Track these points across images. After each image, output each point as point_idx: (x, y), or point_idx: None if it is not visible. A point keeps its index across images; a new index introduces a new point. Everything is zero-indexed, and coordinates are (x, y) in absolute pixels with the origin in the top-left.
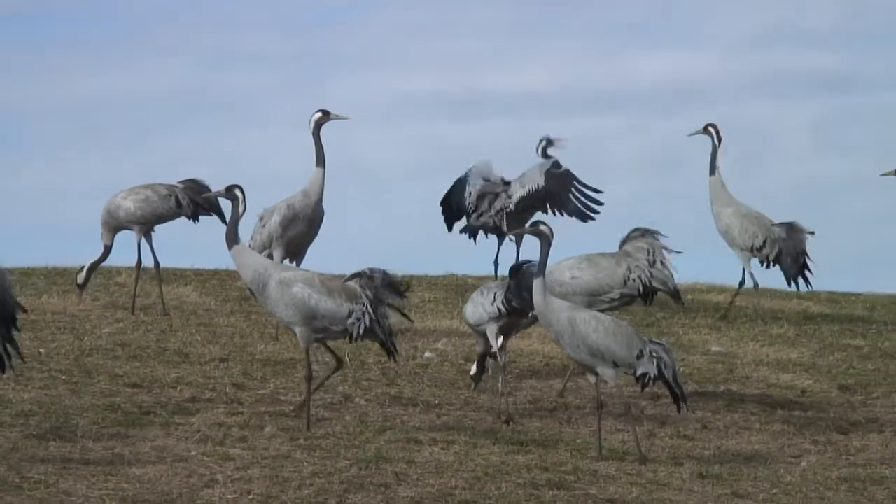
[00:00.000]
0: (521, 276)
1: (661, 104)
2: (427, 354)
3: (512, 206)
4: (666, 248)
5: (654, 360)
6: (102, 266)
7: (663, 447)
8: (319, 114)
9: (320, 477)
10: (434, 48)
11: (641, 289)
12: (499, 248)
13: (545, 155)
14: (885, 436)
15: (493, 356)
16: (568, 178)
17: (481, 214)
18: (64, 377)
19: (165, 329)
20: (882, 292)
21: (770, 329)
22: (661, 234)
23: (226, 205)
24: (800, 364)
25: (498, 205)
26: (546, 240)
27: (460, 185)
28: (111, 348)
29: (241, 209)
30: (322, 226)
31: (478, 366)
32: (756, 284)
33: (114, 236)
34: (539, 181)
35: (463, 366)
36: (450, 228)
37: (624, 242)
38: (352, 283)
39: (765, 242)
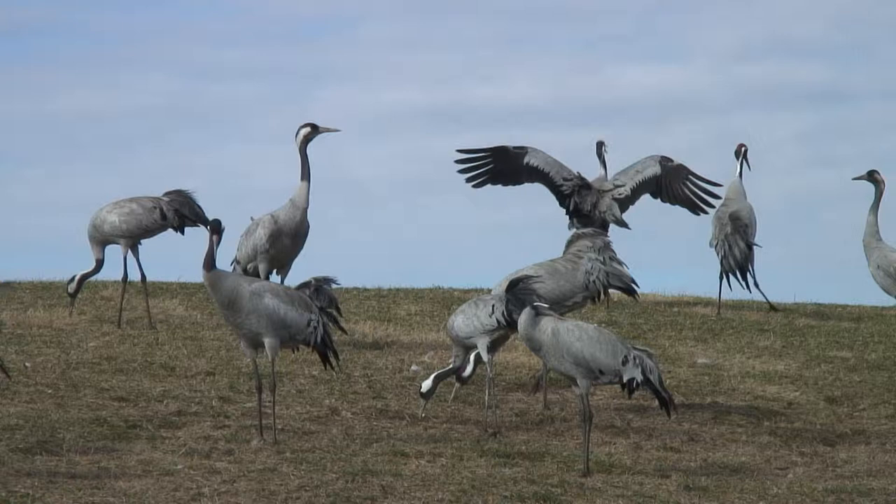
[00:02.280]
0: (520, 290)
1: (648, 116)
2: (413, 367)
3: (628, 192)
4: (610, 247)
5: (639, 366)
6: (88, 280)
7: (650, 459)
8: (308, 128)
9: (307, 490)
10: (421, 62)
11: (602, 289)
12: None
13: (602, 157)
14: (872, 447)
15: (461, 378)
16: (681, 170)
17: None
18: (50, 391)
19: (152, 343)
20: (868, 304)
21: (756, 341)
22: (604, 235)
23: (211, 216)
24: (786, 376)
25: (606, 201)
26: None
27: (509, 155)
28: (97, 362)
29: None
30: (308, 239)
31: (433, 382)
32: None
33: (103, 250)
34: (656, 170)
35: (448, 379)
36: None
37: (569, 245)
38: (302, 293)
39: (717, 240)
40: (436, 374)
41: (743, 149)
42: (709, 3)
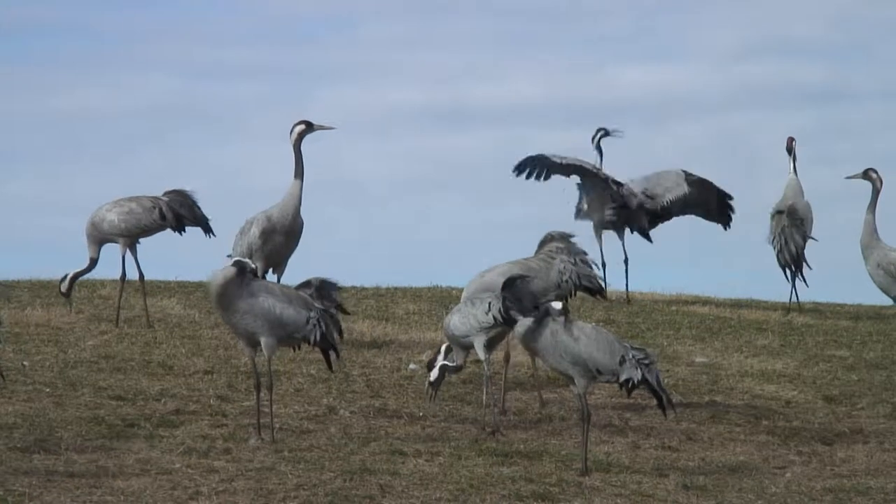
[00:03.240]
0: (515, 288)
1: (648, 116)
2: (412, 366)
3: (660, 209)
4: (580, 248)
5: (637, 366)
6: (87, 278)
7: (648, 458)
8: (302, 126)
9: (305, 489)
10: (420, 61)
11: (573, 289)
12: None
13: (599, 146)
14: (870, 446)
15: (457, 370)
16: (705, 184)
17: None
18: (48, 390)
19: (150, 341)
20: (866, 303)
21: (755, 340)
22: (573, 236)
23: (212, 217)
24: (784, 375)
25: (636, 203)
26: None
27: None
28: (95, 361)
29: None
30: (305, 237)
31: (440, 372)
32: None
33: (99, 249)
34: (684, 188)
35: (447, 377)
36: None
37: (541, 245)
38: (301, 292)
39: (774, 235)
40: (441, 364)
41: (793, 143)
42: (709, 3)
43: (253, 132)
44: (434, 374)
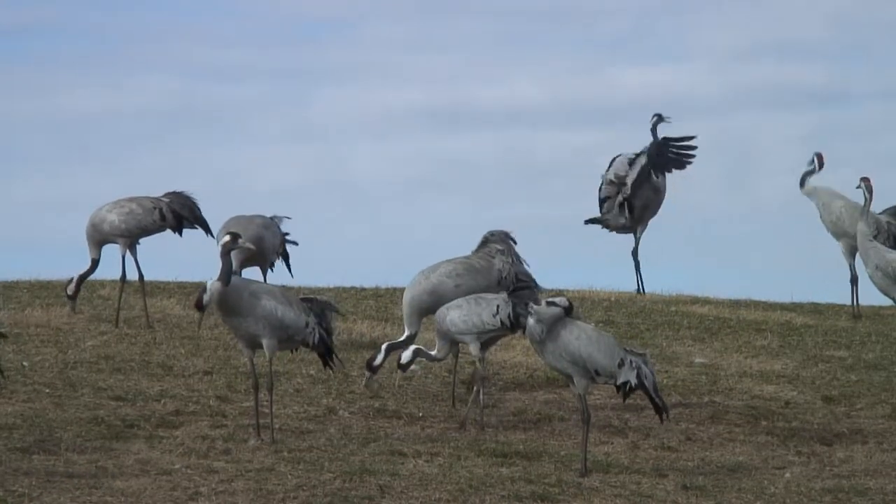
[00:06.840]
0: (526, 295)
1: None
2: (411, 367)
3: (629, 192)
4: (516, 250)
5: (635, 370)
6: (86, 279)
7: (647, 459)
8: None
9: (304, 490)
10: (421, 61)
11: (512, 286)
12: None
13: (654, 130)
14: (869, 447)
15: (435, 359)
16: (662, 145)
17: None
18: (48, 390)
19: (149, 342)
20: (865, 303)
21: (754, 340)
22: (512, 237)
23: (212, 217)
24: (783, 375)
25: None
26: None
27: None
28: (95, 361)
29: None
30: (306, 237)
31: (413, 354)
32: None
33: (100, 249)
34: (643, 162)
35: (447, 378)
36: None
37: (482, 245)
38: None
39: (878, 232)
40: (415, 348)
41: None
42: (709, 4)
43: (253, 133)
44: (407, 355)
